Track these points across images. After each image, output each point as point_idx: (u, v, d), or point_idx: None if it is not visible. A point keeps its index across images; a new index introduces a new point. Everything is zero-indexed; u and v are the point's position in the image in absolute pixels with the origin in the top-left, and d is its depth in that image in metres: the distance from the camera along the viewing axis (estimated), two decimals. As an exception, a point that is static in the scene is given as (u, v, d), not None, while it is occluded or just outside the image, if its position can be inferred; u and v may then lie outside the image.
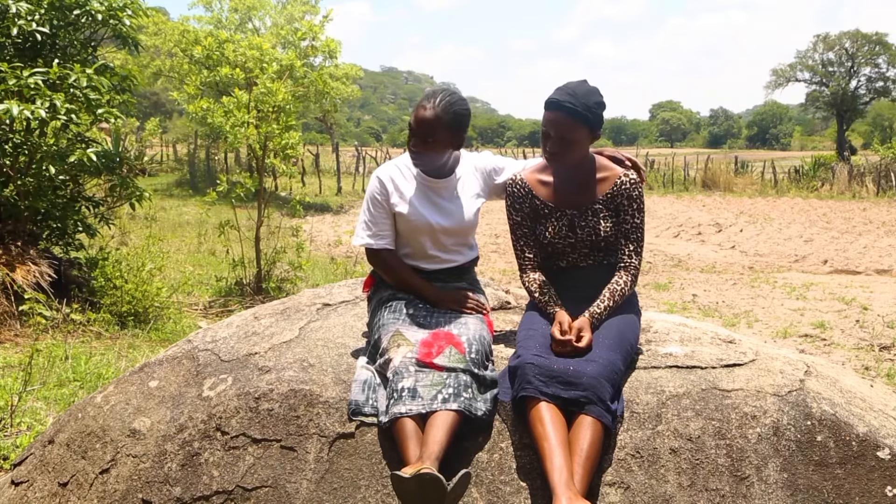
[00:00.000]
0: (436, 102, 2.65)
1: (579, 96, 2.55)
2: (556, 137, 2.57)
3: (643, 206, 2.68)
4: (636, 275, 2.67)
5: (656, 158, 31.91)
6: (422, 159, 2.71)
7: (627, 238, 2.66)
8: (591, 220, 2.66)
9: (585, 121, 2.55)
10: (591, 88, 2.61)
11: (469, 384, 2.41)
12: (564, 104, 2.53)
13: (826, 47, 52.11)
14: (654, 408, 2.43)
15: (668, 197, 22.12)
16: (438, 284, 2.76)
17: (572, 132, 2.55)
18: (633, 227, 2.66)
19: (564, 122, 2.55)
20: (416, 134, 2.67)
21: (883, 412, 2.60)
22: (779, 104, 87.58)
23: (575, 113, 2.53)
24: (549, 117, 2.57)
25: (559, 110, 2.54)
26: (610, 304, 2.60)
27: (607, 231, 2.66)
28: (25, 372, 4.25)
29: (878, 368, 5.30)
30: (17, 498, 2.70)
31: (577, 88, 2.58)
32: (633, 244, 2.66)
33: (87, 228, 7.05)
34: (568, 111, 2.53)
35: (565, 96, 2.54)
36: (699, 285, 8.81)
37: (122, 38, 7.00)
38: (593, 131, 2.60)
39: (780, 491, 2.27)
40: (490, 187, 2.84)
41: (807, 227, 14.89)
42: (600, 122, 2.61)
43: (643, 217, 2.68)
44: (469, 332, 2.54)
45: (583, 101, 2.54)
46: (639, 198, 2.66)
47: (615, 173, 2.68)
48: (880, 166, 24.55)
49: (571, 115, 2.54)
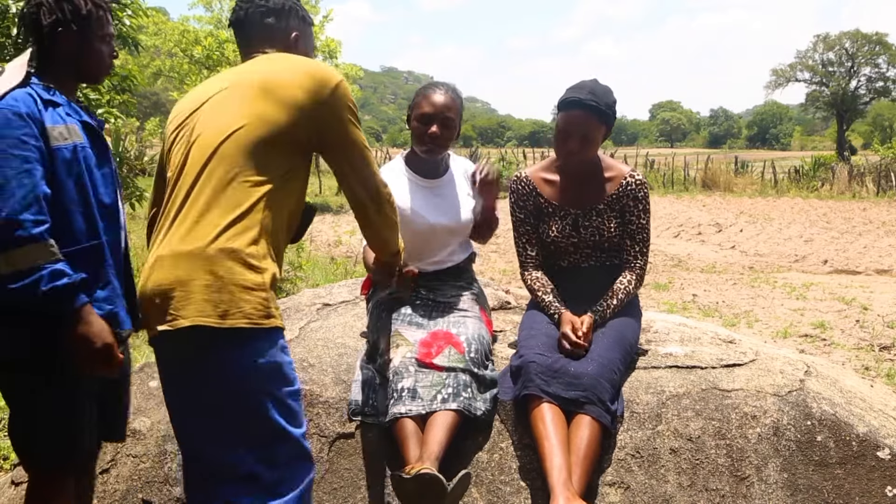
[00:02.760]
0: (445, 88, 2.66)
1: (599, 95, 2.53)
2: (579, 136, 2.54)
3: (649, 206, 2.67)
4: (641, 275, 2.66)
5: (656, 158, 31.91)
6: (436, 148, 2.66)
7: (633, 239, 2.66)
8: (596, 220, 2.66)
9: (606, 119, 2.55)
10: (606, 87, 2.60)
11: (468, 384, 2.41)
12: (588, 102, 2.51)
13: (826, 47, 52.17)
14: (654, 408, 2.43)
15: (668, 197, 22.13)
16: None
17: (594, 130, 2.55)
18: (639, 228, 2.65)
19: (587, 120, 2.53)
20: (433, 120, 2.62)
21: (883, 412, 2.60)
22: (779, 104, 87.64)
23: (598, 111, 2.52)
24: (572, 116, 2.53)
25: (583, 109, 2.52)
26: (614, 304, 2.59)
27: (611, 231, 2.65)
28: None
29: (878, 368, 5.31)
30: (18, 498, 2.70)
31: (595, 87, 2.56)
32: (639, 245, 2.66)
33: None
34: (592, 109, 2.51)
35: (587, 94, 2.52)
36: (699, 285, 8.81)
37: (122, 38, 6.99)
38: (609, 129, 2.60)
39: (780, 491, 2.27)
40: (473, 191, 2.83)
41: (807, 227, 14.90)
42: (614, 120, 2.61)
43: (649, 218, 2.67)
44: (468, 332, 2.54)
45: (604, 99, 2.54)
46: (644, 198, 2.65)
47: (621, 173, 2.67)
48: (880, 166, 24.54)
49: (594, 114, 2.52)
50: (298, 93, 1.80)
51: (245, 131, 1.77)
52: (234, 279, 1.70)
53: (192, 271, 1.70)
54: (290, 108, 1.79)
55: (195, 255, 1.70)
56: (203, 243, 1.71)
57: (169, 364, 1.81)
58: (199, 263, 1.70)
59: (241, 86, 1.84)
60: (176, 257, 1.72)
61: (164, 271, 1.73)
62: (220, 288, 1.69)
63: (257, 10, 2.02)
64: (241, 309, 1.70)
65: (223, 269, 1.69)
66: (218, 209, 1.73)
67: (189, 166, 1.80)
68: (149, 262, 1.80)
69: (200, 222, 1.73)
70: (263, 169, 1.77)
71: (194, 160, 1.79)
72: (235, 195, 1.74)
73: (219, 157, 1.76)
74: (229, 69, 2.11)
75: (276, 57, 1.94)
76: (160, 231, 1.82)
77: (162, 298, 1.72)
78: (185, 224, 1.74)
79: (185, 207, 1.76)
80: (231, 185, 1.74)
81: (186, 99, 2.00)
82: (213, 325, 1.68)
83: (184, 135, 1.88)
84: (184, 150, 1.84)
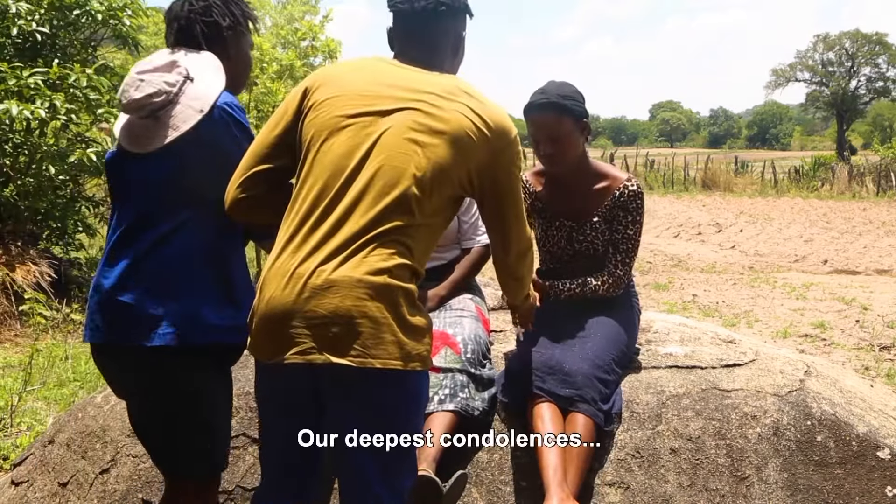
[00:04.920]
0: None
1: (550, 91, 2.49)
2: (546, 139, 2.49)
3: (640, 218, 2.59)
4: (617, 283, 2.59)
5: (656, 158, 31.91)
6: None
7: (616, 247, 2.58)
8: (590, 234, 2.60)
9: (564, 110, 2.46)
10: (562, 82, 2.55)
11: (465, 384, 2.41)
12: (541, 102, 2.47)
13: (826, 47, 52.19)
14: (654, 408, 2.43)
15: (668, 197, 22.13)
16: (433, 284, 2.75)
17: (558, 126, 2.47)
18: (624, 238, 2.58)
19: (545, 119, 2.47)
20: None
21: (883, 412, 2.60)
22: (779, 104, 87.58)
23: (554, 106, 2.45)
24: (533, 120, 2.50)
25: (539, 110, 2.47)
26: (575, 290, 2.58)
27: (606, 246, 2.61)
28: (25, 372, 4.25)
29: (878, 368, 5.31)
30: (18, 498, 2.70)
31: (546, 86, 2.53)
32: (621, 254, 2.58)
33: (87, 228, 7.05)
34: (547, 107, 2.46)
35: (537, 96, 2.49)
36: (699, 285, 8.81)
37: (122, 38, 7.00)
38: (579, 121, 2.49)
39: (780, 491, 2.27)
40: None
41: (807, 227, 14.89)
42: (583, 110, 2.51)
43: (638, 229, 2.59)
44: (464, 332, 2.53)
45: (555, 92, 2.48)
46: (636, 210, 2.57)
47: (616, 182, 2.59)
48: (880, 166, 24.54)
49: (551, 110, 2.46)
50: None
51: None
52: None
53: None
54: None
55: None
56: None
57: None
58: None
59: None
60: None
61: None
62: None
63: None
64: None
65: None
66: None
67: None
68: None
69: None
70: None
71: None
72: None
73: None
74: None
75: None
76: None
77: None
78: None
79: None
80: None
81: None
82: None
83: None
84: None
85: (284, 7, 23.72)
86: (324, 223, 1.65)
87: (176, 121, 1.82)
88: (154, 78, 1.84)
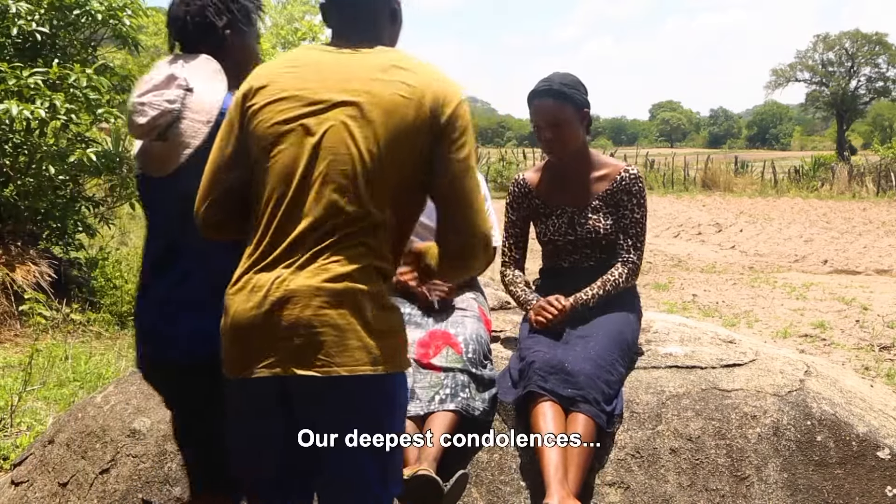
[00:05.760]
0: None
1: (553, 79, 2.60)
2: (546, 125, 2.59)
3: (644, 201, 2.67)
4: (634, 270, 2.65)
5: (656, 158, 31.90)
6: None
7: (626, 233, 2.65)
8: (591, 217, 2.65)
9: (565, 97, 2.57)
10: (565, 73, 2.66)
11: (466, 384, 2.41)
12: (540, 89, 2.59)
13: (826, 47, 52.16)
14: (654, 408, 2.43)
15: (668, 197, 22.13)
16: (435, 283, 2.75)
17: (559, 113, 2.57)
18: (633, 222, 2.65)
19: (547, 106, 2.57)
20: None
21: (883, 412, 2.60)
22: (779, 104, 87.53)
23: (555, 93, 2.56)
24: (534, 109, 2.61)
25: (541, 97, 2.59)
26: (600, 293, 2.58)
27: (607, 229, 2.65)
28: (25, 372, 4.25)
29: (878, 368, 5.31)
30: (17, 498, 2.70)
31: (550, 75, 2.64)
32: (632, 238, 2.65)
33: (87, 228, 7.05)
34: (548, 94, 2.57)
35: (541, 84, 2.60)
36: (699, 285, 8.81)
37: (122, 38, 6.99)
38: (580, 109, 2.59)
39: (780, 491, 2.27)
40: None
41: (807, 227, 14.89)
42: (584, 100, 2.62)
43: (644, 213, 2.67)
44: (466, 332, 2.54)
45: (558, 81, 2.59)
46: (639, 193, 2.65)
47: (616, 169, 2.68)
48: (880, 166, 24.53)
49: (552, 97, 2.56)
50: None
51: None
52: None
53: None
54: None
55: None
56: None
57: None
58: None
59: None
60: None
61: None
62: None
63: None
64: None
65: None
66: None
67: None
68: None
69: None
70: None
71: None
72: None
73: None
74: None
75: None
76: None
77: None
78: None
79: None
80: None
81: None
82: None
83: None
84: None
85: (284, 7, 23.71)
86: (281, 234, 1.62)
87: (185, 137, 1.82)
88: (154, 99, 1.83)
